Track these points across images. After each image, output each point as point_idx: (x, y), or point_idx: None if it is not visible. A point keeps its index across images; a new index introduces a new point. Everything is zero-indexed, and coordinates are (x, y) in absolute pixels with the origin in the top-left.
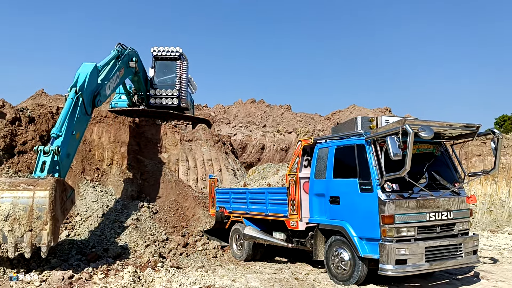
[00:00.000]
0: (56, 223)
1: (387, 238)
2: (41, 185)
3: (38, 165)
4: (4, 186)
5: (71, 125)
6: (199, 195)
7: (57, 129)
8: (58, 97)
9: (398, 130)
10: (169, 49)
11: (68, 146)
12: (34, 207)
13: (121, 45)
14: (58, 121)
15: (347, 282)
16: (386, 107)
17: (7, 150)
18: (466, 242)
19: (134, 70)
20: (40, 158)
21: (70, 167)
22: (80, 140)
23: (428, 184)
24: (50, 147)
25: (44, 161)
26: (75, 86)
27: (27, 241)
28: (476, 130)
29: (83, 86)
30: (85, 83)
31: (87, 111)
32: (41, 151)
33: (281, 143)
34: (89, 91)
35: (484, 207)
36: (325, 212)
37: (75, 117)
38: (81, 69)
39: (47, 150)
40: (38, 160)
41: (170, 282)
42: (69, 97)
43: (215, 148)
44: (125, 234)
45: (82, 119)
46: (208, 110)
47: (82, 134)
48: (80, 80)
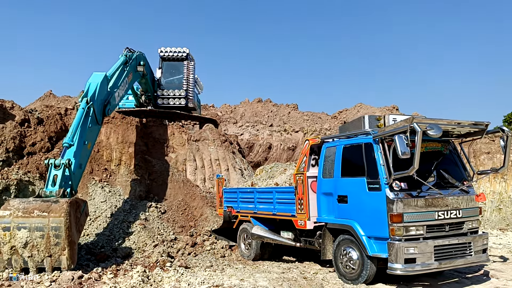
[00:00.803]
0: (73, 246)
1: (395, 237)
2: (55, 211)
3: (49, 178)
4: (18, 213)
5: (83, 134)
6: (207, 195)
7: (69, 138)
8: (66, 98)
9: (406, 128)
10: (176, 49)
11: (80, 157)
12: (51, 234)
13: (129, 49)
14: (70, 131)
15: (355, 281)
16: (393, 106)
17: (16, 151)
18: (476, 240)
19: (141, 74)
20: (51, 171)
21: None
22: (91, 150)
23: (436, 182)
24: (61, 160)
25: (55, 174)
26: (86, 96)
27: (47, 266)
28: (485, 128)
29: (94, 96)
30: (96, 93)
31: (97, 121)
32: (52, 165)
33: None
34: (99, 101)
35: (493, 205)
36: (333, 211)
37: (86, 127)
38: (92, 79)
39: (58, 164)
40: (49, 173)
41: (178, 282)
42: (80, 107)
43: (222, 148)
44: (133, 234)
45: (93, 128)
46: (215, 110)
47: (93, 144)
48: (90, 90)
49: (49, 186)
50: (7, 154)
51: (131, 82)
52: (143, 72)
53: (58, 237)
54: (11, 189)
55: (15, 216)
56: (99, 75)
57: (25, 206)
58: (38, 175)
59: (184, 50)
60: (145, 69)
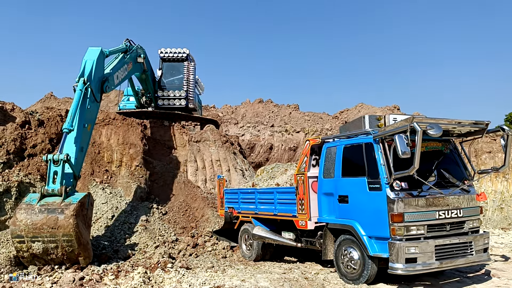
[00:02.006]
0: (87, 246)
1: (396, 237)
2: (63, 227)
3: (50, 175)
4: (28, 230)
5: (82, 117)
6: (208, 196)
7: (69, 123)
8: (67, 100)
9: (406, 128)
10: (176, 50)
11: (81, 140)
12: (64, 245)
13: (129, 40)
14: (69, 114)
15: (357, 281)
16: (394, 105)
17: (17, 153)
18: (477, 240)
19: (142, 67)
20: (50, 168)
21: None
22: (91, 132)
23: (437, 182)
24: (59, 155)
25: (55, 171)
26: (82, 76)
27: (68, 264)
28: (485, 127)
29: (90, 75)
30: (92, 71)
31: (96, 98)
32: (50, 161)
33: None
34: (97, 79)
35: (495, 204)
36: (334, 211)
37: (85, 108)
38: (87, 56)
39: (57, 159)
40: (49, 170)
41: (180, 283)
42: (78, 89)
43: (223, 149)
44: (134, 235)
45: (92, 108)
46: (216, 110)
47: (93, 125)
48: (87, 69)
49: (50, 183)
50: (8, 156)
51: (130, 71)
52: (143, 65)
53: (71, 246)
54: (12, 191)
55: (27, 232)
56: (95, 51)
57: (33, 221)
58: (39, 177)
59: (184, 50)
60: (146, 64)
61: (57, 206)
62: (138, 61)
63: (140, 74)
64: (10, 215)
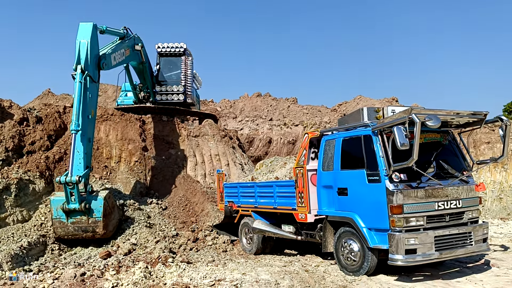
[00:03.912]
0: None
1: (396, 228)
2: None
3: (68, 195)
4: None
5: (85, 109)
6: (208, 190)
7: (76, 124)
8: (65, 96)
9: (405, 119)
10: (173, 45)
11: (87, 132)
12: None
13: (127, 28)
14: (74, 113)
15: (357, 273)
16: (392, 97)
17: (16, 150)
18: (476, 230)
19: (139, 57)
20: (66, 189)
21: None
22: (95, 117)
23: (436, 173)
24: (71, 178)
25: (71, 192)
26: (79, 62)
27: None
28: (484, 117)
29: (87, 60)
30: (88, 54)
31: (94, 79)
32: (64, 185)
33: (288, 136)
34: (93, 56)
35: (494, 194)
36: (333, 203)
37: (87, 98)
38: (80, 34)
39: (69, 181)
40: (65, 191)
41: (181, 277)
42: (77, 81)
43: (222, 143)
44: (135, 230)
45: (93, 93)
46: (214, 105)
47: (96, 108)
48: (82, 53)
49: (71, 203)
50: (7, 153)
51: (128, 58)
52: (141, 55)
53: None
54: (12, 188)
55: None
56: (87, 27)
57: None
58: (38, 174)
59: (181, 45)
60: (143, 55)
61: (87, 225)
62: (136, 48)
63: (137, 64)
64: (10, 213)
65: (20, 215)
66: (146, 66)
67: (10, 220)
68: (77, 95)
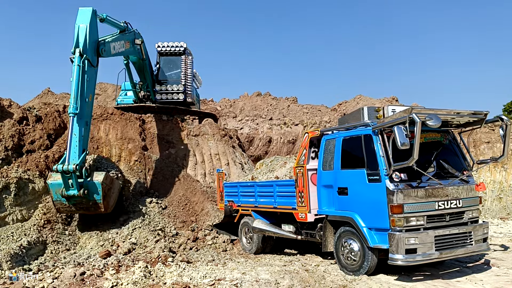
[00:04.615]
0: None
1: (396, 228)
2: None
3: (67, 184)
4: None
5: (83, 93)
6: (207, 190)
7: (74, 107)
8: (65, 95)
9: (405, 119)
10: (174, 44)
11: (85, 115)
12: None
13: (127, 23)
14: (72, 96)
15: (357, 273)
16: (392, 97)
17: (15, 149)
18: (476, 230)
19: (139, 53)
20: (64, 178)
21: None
22: (93, 100)
23: (436, 172)
24: (68, 166)
25: (69, 179)
26: (77, 46)
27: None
28: (484, 117)
29: (85, 44)
30: (87, 39)
31: (92, 63)
32: (61, 173)
33: (288, 136)
34: (92, 41)
35: (493, 194)
36: (333, 203)
37: (85, 81)
38: (79, 19)
39: (66, 170)
40: (63, 179)
41: (181, 277)
42: (75, 64)
43: (222, 142)
44: (135, 230)
45: (91, 77)
46: (214, 104)
47: (94, 93)
48: (81, 37)
49: (70, 190)
50: (6, 152)
51: (127, 50)
52: (141, 51)
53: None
54: (11, 187)
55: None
56: (86, 12)
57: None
58: (38, 173)
59: (181, 44)
60: (144, 51)
61: (88, 205)
62: (136, 43)
63: (137, 60)
64: (10, 212)
65: (19, 214)
66: (146, 63)
67: (10, 219)
68: (75, 79)
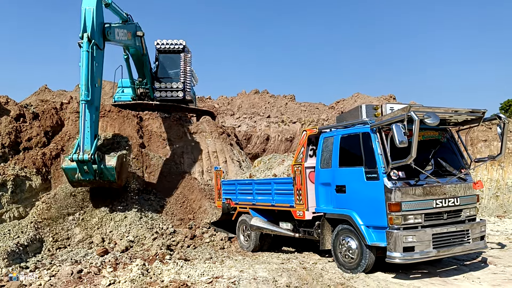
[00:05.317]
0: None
1: (394, 226)
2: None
3: (82, 170)
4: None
5: (93, 77)
6: (205, 187)
7: (85, 94)
8: (62, 92)
9: (403, 117)
10: (173, 41)
11: (95, 101)
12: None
13: (129, 15)
14: (83, 84)
15: (355, 271)
16: (390, 95)
17: (12, 146)
18: (473, 228)
19: (140, 47)
20: (79, 165)
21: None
22: (101, 84)
23: (434, 170)
24: (82, 155)
25: (84, 167)
26: (85, 30)
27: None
28: (482, 115)
29: (93, 28)
30: (94, 23)
31: (99, 46)
32: (77, 162)
33: (286, 133)
34: (98, 24)
35: (490, 192)
36: (331, 201)
37: (94, 67)
38: (85, 2)
39: (81, 159)
40: (78, 166)
41: (178, 274)
42: (84, 50)
43: (219, 140)
44: (132, 227)
45: (99, 61)
46: (212, 102)
47: (102, 77)
48: (88, 21)
49: (85, 175)
50: (3, 149)
51: (129, 41)
52: (142, 45)
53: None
54: (8, 184)
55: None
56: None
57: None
58: (35, 170)
59: (181, 42)
60: (144, 46)
61: (103, 184)
62: (138, 34)
63: (136, 52)
64: (7, 209)
65: (16, 212)
66: (146, 59)
67: (7, 217)
68: (84, 65)
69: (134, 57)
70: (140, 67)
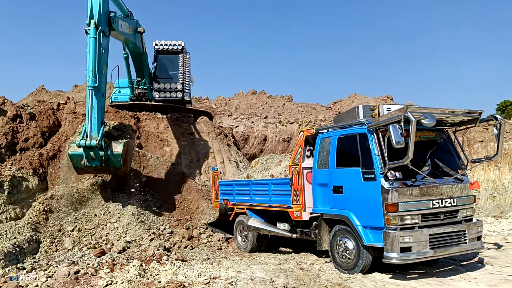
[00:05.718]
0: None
1: (391, 226)
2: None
3: (88, 156)
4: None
5: (101, 64)
6: (202, 188)
7: (93, 80)
8: (59, 93)
9: (400, 118)
10: (171, 42)
11: (102, 87)
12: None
13: (130, 11)
14: (90, 70)
15: (352, 271)
16: (387, 95)
17: (9, 147)
18: (470, 228)
19: (140, 45)
20: (86, 151)
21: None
22: (107, 71)
23: (431, 171)
24: (91, 142)
25: (91, 153)
26: (92, 17)
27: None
28: (478, 116)
29: (100, 15)
30: (101, 10)
31: (105, 34)
32: (84, 148)
33: (283, 134)
34: (104, 15)
35: (487, 193)
36: (328, 201)
37: (101, 54)
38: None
39: (88, 145)
40: (85, 152)
41: (175, 275)
42: (91, 37)
43: (217, 141)
44: (129, 228)
45: (105, 48)
46: (209, 102)
47: (107, 64)
48: (95, 8)
49: (91, 162)
50: (0, 150)
51: (131, 36)
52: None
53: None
54: (5, 185)
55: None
56: None
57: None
58: (32, 171)
59: (179, 43)
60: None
61: (109, 171)
62: (138, 30)
63: (134, 47)
64: (3, 210)
65: (13, 213)
66: (145, 58)
67: (3, 218)
68: (91, 51)
69: (133, 54)
70: (140, 66)
